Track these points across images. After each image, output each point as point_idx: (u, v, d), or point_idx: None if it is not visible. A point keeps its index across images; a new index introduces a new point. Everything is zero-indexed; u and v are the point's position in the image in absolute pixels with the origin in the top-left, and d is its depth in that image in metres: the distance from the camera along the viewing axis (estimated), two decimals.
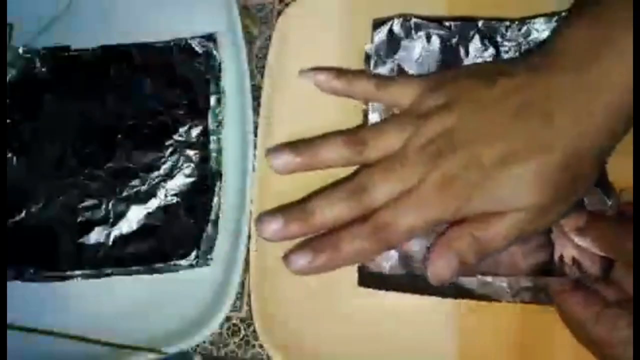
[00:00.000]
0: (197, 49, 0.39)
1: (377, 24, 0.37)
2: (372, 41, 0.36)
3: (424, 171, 0.29)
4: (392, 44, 0.36)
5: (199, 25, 0.39)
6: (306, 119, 0.37)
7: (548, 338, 0.32)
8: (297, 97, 0.37)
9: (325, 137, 0.33)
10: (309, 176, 0.35)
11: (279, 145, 0.33)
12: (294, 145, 0.33)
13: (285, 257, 0.30)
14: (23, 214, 0.37)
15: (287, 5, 0.40)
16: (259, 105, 0.37)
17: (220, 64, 0.39)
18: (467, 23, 0.35)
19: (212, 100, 0.38)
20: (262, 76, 0.38)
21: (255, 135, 0.37)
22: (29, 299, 0.36)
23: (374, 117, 0.35)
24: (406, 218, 0.29)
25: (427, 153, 0.30)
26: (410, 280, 0.32)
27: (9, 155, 0.38)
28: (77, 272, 0.35)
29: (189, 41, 0.39)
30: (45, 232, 0.36)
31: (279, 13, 0.40)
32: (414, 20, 0.36)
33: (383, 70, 0.36)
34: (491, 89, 0.30)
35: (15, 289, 0.35)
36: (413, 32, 0.36)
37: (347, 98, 0.35)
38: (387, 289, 0.32)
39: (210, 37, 0.39)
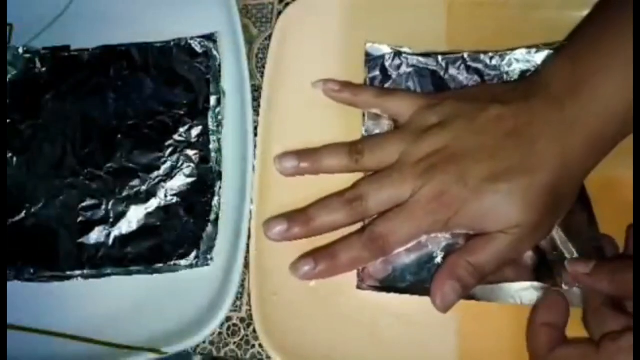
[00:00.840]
0: (197, 49, 0.39)
1: (370, 57, 0.38)
2: (365, 72, 0.38)
3: (417, 184, 0.31)
4: (385, 78, 0.37)
5: (199, 25, 0.39)
6: (306, 119, 0.37)
7: None
8: (297, 97, 0.37)
9: (328, 146, 0.35)
10: (308, 178, 0.35)
11: (286, 152, 0.35)
12: (300, 152, 0.35)
13: (292, 265, 0.33)
14: (23, 214, 0.37)
15: (287, 5, 0.40)
16: (259, 105, 0.37)
17: (220, 64, 0.39)
18: (454, 55, 0.37)
19: (212, 100, 0.38)
20: (262, 76, 0.38)
21: (255, 135, 0.37)
22: (29, 299, 0.36)
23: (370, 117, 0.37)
24: (399, 229, 0.31)
25: (422, 167, 0.31)
26: (409, 285, 0.33)
27: (9, 155, 0.38)
28: (77, 272, 0.35)
29: (189, 41, 0.39)
30: (45, 232, 0.36)
31: (279, 13, 0.40)
32: (404, 55, 0.37)
33: None
34: (485, 112, 0.32)
35: (15, 289, 0.35)
36: (404, 66, 0.37)
37: (352, 106, 0.37)
38: (387, 291, 0.32)
39: (210, 37, 0.39)
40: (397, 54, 0.37)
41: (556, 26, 0.36)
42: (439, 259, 0.33)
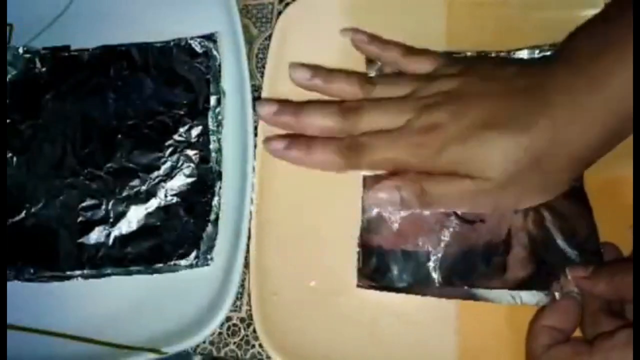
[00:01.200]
0: (197, 49, 0.39)
1: (370, 61, 0.37)
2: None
3: (414, 116, 0.31)
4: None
5: (199, 25, 0.39)
6: None
7: None
8: (297, 97, 0.37)
9: (344, 72, 0.35)
10: (309, 178, 0.35)
11: (303, 63, 0.36)
12: (316, 68, 0.35)
13: (266, 139, 0.34)
14: (23, 214, 0.37)
15: (287, 5, 0.40)
16: None
17: (220, 64, 0.39)
18: (456, 56, 0.36)
19: (212, 100, 0.38)
20: (262, 76, 0.38)
21: (255, 135, 0.37)
22: (29, 299, 0.36)
23: None
24: (380, 147, 0.32)
25: (424, 102, 0.32)
26: (407, 285, 0.32)
27: (9, 155, 0.38)
28: (77, 272, 0.35)
29: (189, 41, 0.39)
30: (45, 232, 0.36)
31: (279, 13, 0.40)
32: None
33: None
34: (501, 70, 0.32)
35: (15, 289, 0.35)
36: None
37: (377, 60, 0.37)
38: (386, 290, 0.32)
39: (210, 37, 0.39)
40: None
41: (556, 26, 0.36)
42: (437, 258, 0.33)
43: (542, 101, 0.29)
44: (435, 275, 0.32)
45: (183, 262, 0.35)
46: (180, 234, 0.36)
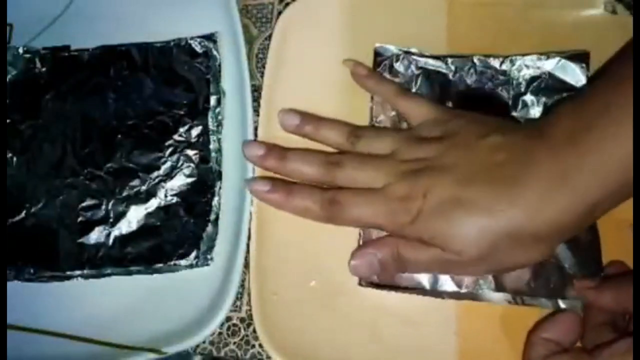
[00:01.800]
0: (197, 49, 0.39)
1: (379, 54, 0.37)
2: (373, 70, 0.37)
3: (391, 180, 0.32)
4: (393, 78, 0.37)
5: (199, 25, 0.39)
6: None
7: None
8: (297, 97, 0.37)
9: (332, 120, 0.36)
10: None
11: (292, 109, 0.36)
12: (304, 114, 0.36)
13: (248, 180, 0.35)
14: (23, 214, 0.37)
15: (287, 5, 0.40)
16: (259, 105, 0.37)
17: (220, 64, 0.39)
18: (463, 59, 0.37)
19: (212, 100, 0.38)
20: (262, 76, 0.38)
21: (256, 135, 0.37)
22: (29, 299, 0.36)
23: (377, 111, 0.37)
24: (356, 208, 0.32)
25: (403, 168, 0.32)
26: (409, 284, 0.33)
27: (9, 155, 0.38)
28: (77, 272, 0.35)
29: (189, 41, 0.39)
30: (45, 232, 0.36)
31: (279, 13, 0.40)
32: (413, 57, 0.37)
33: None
34: (484, 139, 0.31)
35: (15, 289, 0.35)
36: (413, 67, 0.37)
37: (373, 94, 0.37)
38: (387, 289, 0.33)
39: (210, 37, 0.39)
40: (406, 54, 0.37)
41: (556, 26, 0.36)
42: None
43: (520, 182, 0.29)
44: (436, 275, 0.32)
45: (183, 262, 0.35)
46: (180, 234, 0.36)
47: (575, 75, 0.35)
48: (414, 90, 0.37)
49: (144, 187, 0.37)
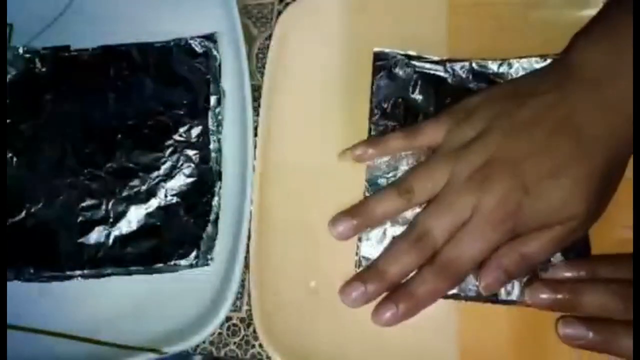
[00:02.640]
0: (197, 49, 0.39)
1: (378, 58, 0.37)
2: (372, 73, 0.37)
3: (475, 199, 0.30)
4: (391, 81, 0.37)
5: (199, 25, 0.39)
6: (306, 119, 0.37)
7: (548, 340, 0.31)
8: (297, 97, 0.37)
9: (376, 196, 0.33)
10: (309, 178, 0.35)
11: (338, 215, 0.33)
12: (350, 211, 0.33)
13: (374, 313, 0.31)
14: (23, 214, 0.37)
15: (287, 5, 0.40)
16: (259, 105, 0.37)
17: (220, 64, 0.39)
18: (461, 62, 0.37)
19: (212, 100, 0.38)
20: (262, 76, 0.38)
21: (255, 135, 0.37)
22: (29, 299, 0.36)
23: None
24: (468, 249, 0.30)
25: (475, 182, 0.30)
26: None
27: (9, 155, 0.38)
28: (77, 272, 0.36)
29: (189, 41, 0.39)
30: (45, 232, 0.36)
31: (279, 13, 0.40)
32: (412, 61, 0.37)
33: (385, 104, 0.37)
34: (522, 111, 0.31)
35: (15, 289, 0.35)
36: (411, 70, 0.37)
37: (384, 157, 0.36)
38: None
39: (210, 37, 0.39)
40: (405, 58, 0.37)
41: (556, 26, 0.36)
42: None
43: (577, 129, 0.30)
44: None
45: (183, 262, 0.35)
46: (180, 234, 0.36)
47: None
48: (412, 94, 0.37)
49: (144, 187, 0.37)
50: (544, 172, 0.30)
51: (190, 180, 0.37)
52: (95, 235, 0.36)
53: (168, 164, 0.37)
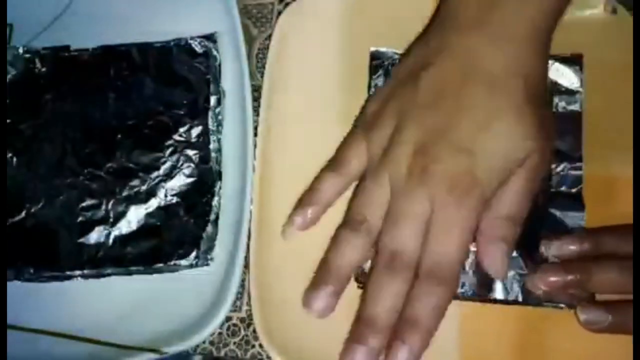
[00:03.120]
0: (197, 49, 0.39)
1: (374, 57, 0.37)
2: (369, 73, 0.37)
3: (426, 192, 0.29)
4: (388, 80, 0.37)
5: (199, 25, 0.39)
6: (306, 119, 0.37)
7: (549, 340, 0.32)
8: (297, 97, 0.37)
9: (332, 248, 0.31)
10: (309, 178, 0.35)
11: (306, 291, 0.32)
12: (317, 282, 0.31)
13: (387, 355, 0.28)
14: (23, 214, 0.37)
15: (287, 5, 0.40)
16: (259, 105, 0.37)
17: (220, 64, 0.39)
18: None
19: (212, 100, 0.38)
20: (262, 76, 0.38)
21: (255, 135, 0.37)
22: (29, 299, 0.36)
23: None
24: (448, 243, 0.28)
25: (415, 176, 0.29)
26: None
27: (9, 155, 0.38)
28: (77, 272, 0.35)
29: (189, 41, 0.39)
30: (45, 232, 0.36)
31: (279, 13, 0.40)
32: None
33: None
34: (421, 86, 0.30)
35: (15, 289, 0.35)
36: None
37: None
38: None
39: (210, 37, 0.39)
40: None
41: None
42: None
43: (479, 70, 0.29)
44: None
45: (183, 262, 0.35)
46: (180, 234, 0.36)
47: (569, 78, 0.35)
48: None
49: (144, 187, 0.37)
50: (475, 128, 0.29)
51: (190, 180, 0.37)
52: (95, 235, 0.36)
53: (168, 164, 0.37)
